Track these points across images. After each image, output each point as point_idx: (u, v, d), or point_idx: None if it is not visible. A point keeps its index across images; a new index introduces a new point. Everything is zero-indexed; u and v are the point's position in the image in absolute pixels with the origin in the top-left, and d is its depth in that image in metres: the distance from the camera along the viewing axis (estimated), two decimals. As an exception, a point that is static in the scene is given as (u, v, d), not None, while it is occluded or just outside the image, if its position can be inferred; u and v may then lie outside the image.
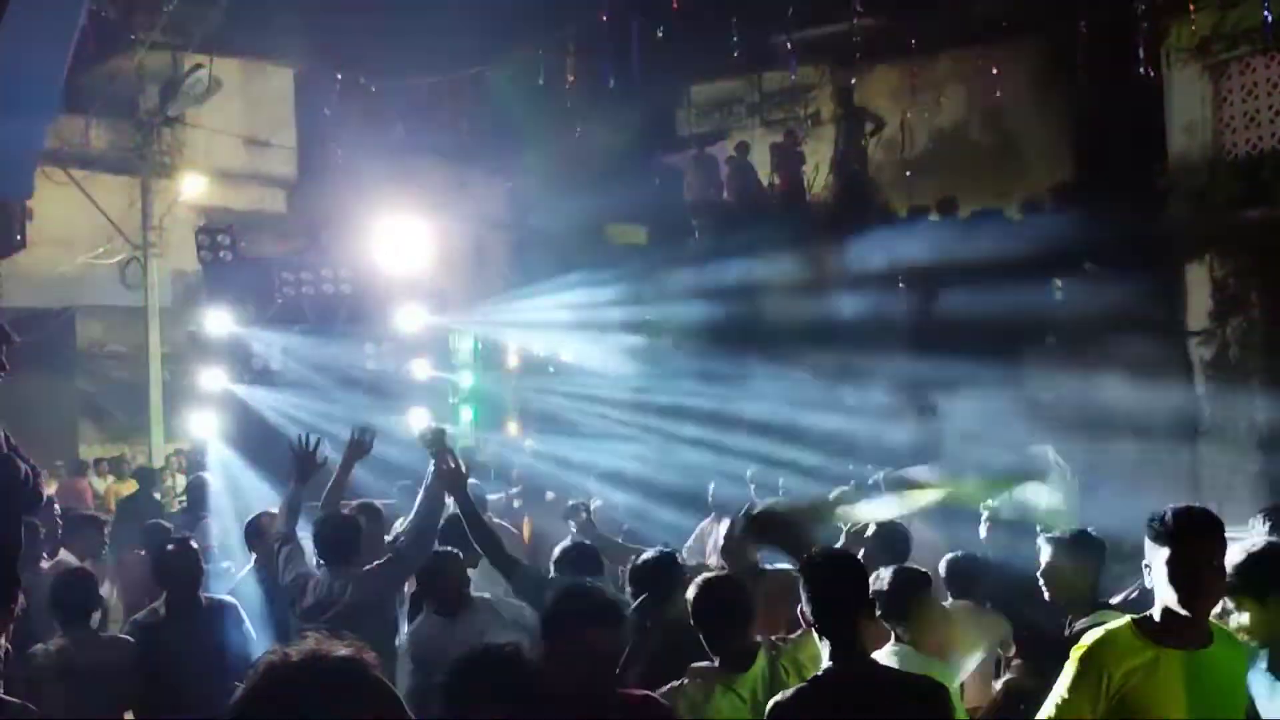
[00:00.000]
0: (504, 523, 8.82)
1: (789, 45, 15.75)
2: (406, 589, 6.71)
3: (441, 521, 6.30)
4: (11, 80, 6.66)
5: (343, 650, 1.85)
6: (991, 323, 14.10)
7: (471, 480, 6.53)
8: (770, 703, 3.67)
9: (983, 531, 6.78)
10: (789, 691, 3.72)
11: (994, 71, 16.36)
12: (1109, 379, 13.43)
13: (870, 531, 6.04)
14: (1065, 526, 5.44)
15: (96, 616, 6.55)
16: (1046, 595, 5.02)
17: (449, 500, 6.19)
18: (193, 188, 18.21)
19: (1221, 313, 12.04)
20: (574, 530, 7.89)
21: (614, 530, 9.50)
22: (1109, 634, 3.48)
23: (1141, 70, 12.63)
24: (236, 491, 10.15)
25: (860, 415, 15.08)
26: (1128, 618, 3.60)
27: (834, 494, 6.71)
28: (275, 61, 20.52)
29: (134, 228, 17.72)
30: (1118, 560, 5.19)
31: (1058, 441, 10.53)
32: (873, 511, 6.09)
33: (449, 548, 6.12)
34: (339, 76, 17.53)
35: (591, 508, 9.45)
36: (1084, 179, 16.50)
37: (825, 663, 3.67)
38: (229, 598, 6.48)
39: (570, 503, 8.90)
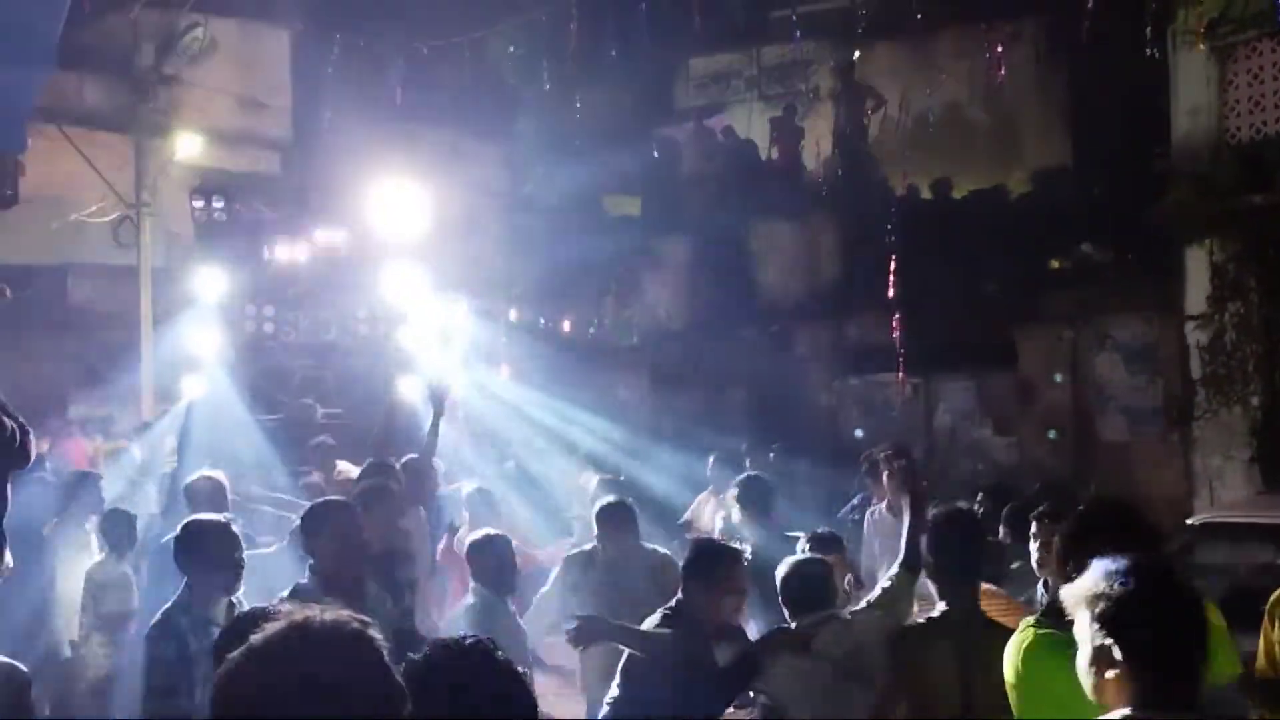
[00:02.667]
0: None
1: (793, 18, 15.61)
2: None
3: None
4: (6, 34, 6.57)
5: (353, 622, 1.81)
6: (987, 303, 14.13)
7: None
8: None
9: None
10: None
11: (996, 50, 16.26)
12: (1105, 360, 13.44)
13: None
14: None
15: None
16: None
17: None
18: (187, 148, 18.05)
19: (1219, 297, 11.99)
20: None
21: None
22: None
23: (1147, 51, 12.52)
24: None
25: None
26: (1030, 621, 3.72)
27: None
28: (272, 22, 20.32)
29: (127, 186, 17.55)
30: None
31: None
32: None
33: None
34: (337, 38, 17.37)
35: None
36: (1084, 160, 16.46)
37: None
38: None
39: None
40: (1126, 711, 2.48)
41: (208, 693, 1.78)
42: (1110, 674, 2.52)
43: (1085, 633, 2.58)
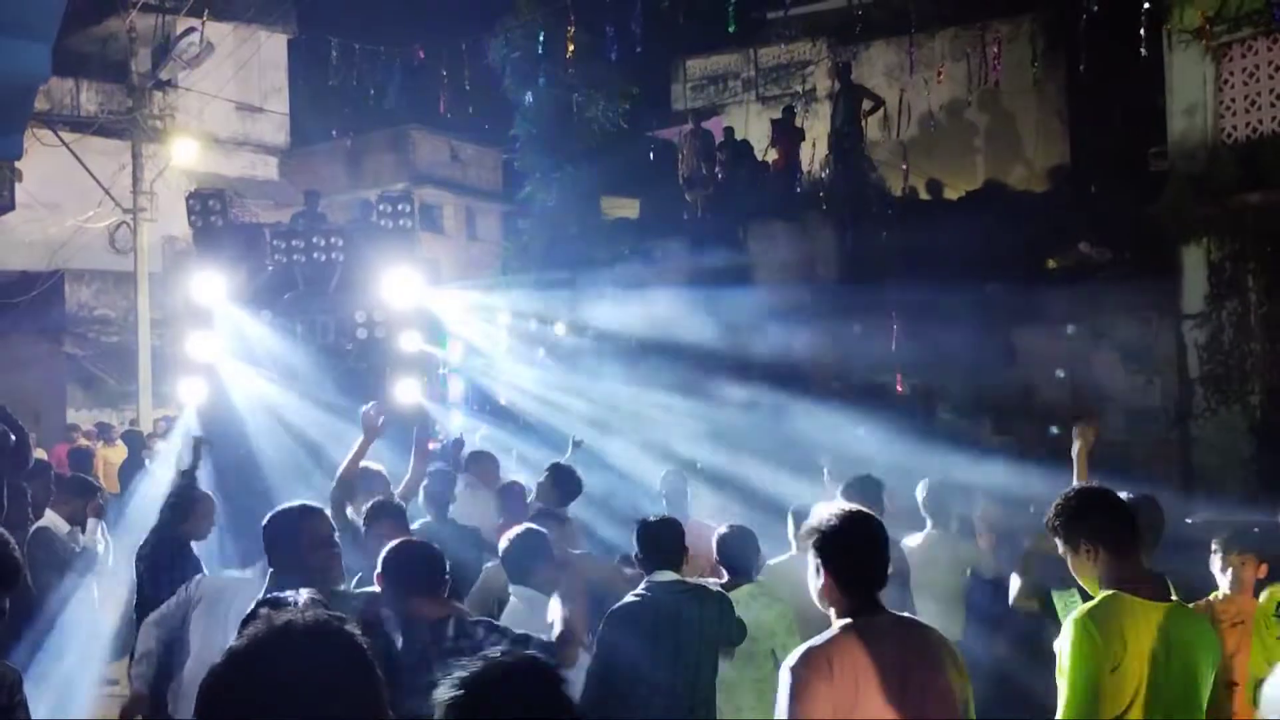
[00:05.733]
0: None
1: (786, 16, 15.63)
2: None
3: None
4: (2, 39, 6.56)
5: (334, 620, 1.84)
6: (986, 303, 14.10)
7: None
8: None
9: None
10: None
11: (993, 50, 16.27)
12: (1103, 360, 13.44)
13: None
14: None
15: None
16: None
17: None
18: (184, 153, 18.08)
19: (1217, 296, 12.00)
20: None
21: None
22: None
23: (1142, 51, 12.54)
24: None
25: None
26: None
27: None
28: (268, 27, 20.37)
29: (124, 192, 17.59)
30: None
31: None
32: None
33: None
34: (334, 43, 17.36)
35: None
36: (1081, 160, 16.47)
37: None
38: None
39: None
40: (847, 621, 3.43)
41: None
42: (819, 584, 3.51)
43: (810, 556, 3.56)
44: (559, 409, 13.03)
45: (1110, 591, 3.74)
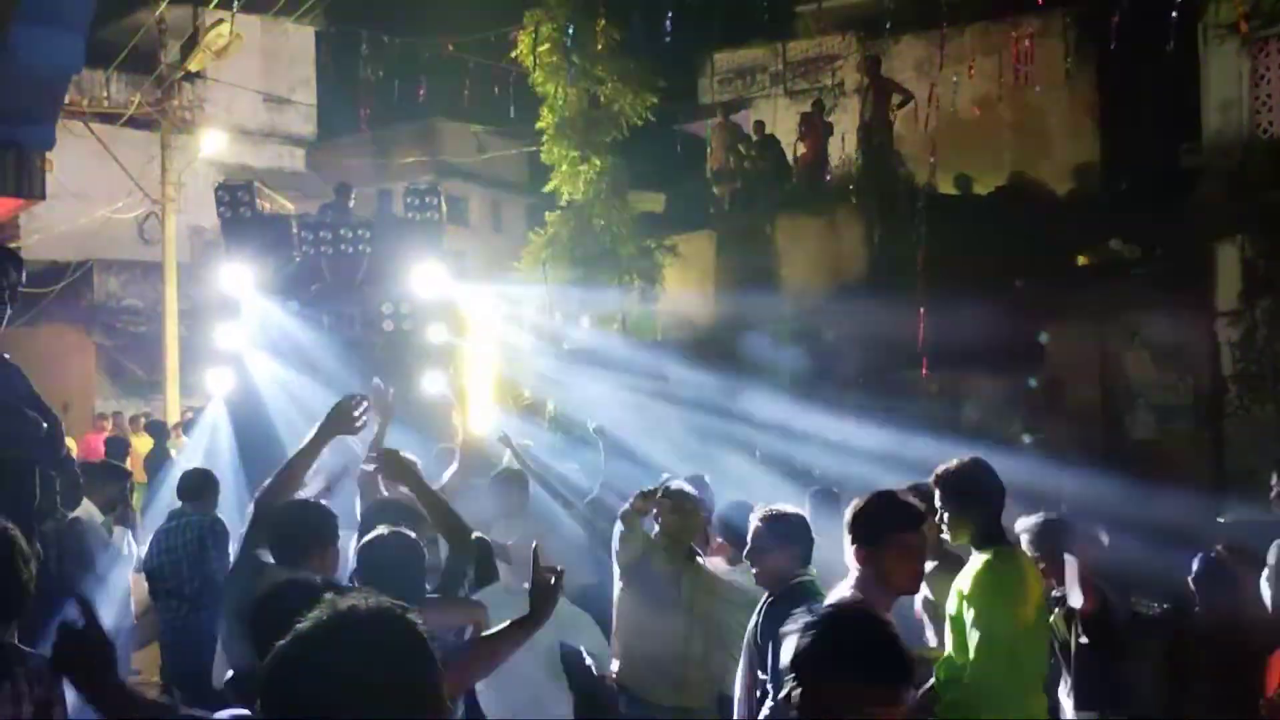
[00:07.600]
0: None
1: (818, 9, 15.53)
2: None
3: None
4: (37, 30, 6.58)
5: (396, 607, 1.84)
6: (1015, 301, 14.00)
7: None
8: None
9: None
10: None
11: (1024, 45, 16.14)
12: (1134, 358, 13.33)
13: None
14: None
15: None
16: None
17: None
18: (212, 144, 18.13)
19: (1250, 294, 11.89)
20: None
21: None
22: None
23: (1176, 46, 12.41)
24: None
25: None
26: None
27: None
28: (296, 19, 20.40)
29: (153, 183, 17.66)
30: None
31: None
32: None
33: None
34: (362, 34, 17.37)
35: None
36: (1113, 156, 16.32)
37: None
38: None
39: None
40: None
41: None
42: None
43: None
44: (584, 402, 13.00)
45: (1008, 548, 4.37)
